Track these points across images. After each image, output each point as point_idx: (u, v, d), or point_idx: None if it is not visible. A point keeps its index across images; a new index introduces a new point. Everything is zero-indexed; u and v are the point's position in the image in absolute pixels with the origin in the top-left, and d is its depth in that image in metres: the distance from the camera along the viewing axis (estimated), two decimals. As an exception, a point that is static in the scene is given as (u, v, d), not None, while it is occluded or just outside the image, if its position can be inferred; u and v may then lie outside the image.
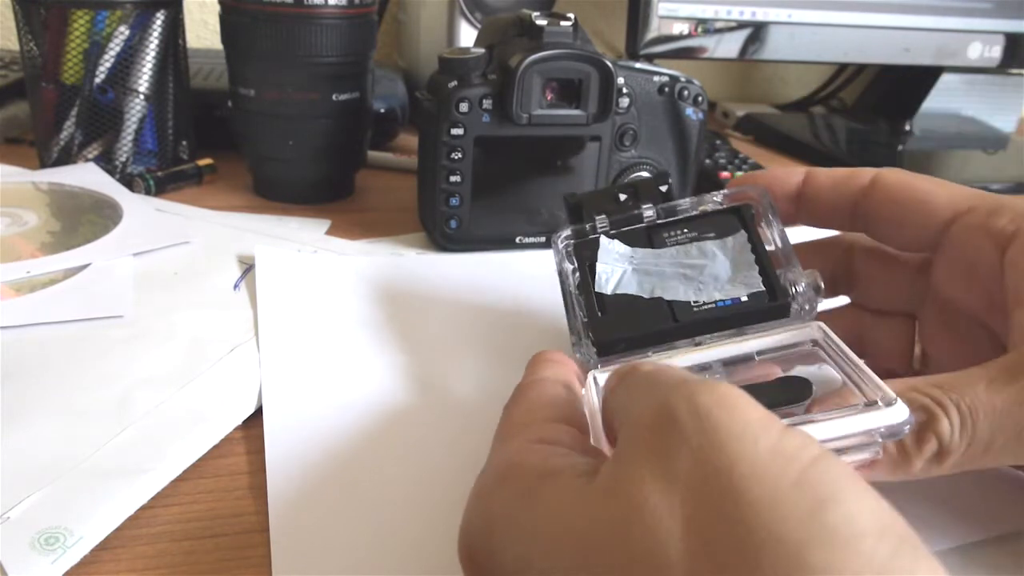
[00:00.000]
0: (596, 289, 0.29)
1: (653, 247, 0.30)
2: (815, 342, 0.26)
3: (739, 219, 0.30)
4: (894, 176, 0.29)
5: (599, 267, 0.30)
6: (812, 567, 0.14)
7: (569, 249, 0.31)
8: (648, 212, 0.31)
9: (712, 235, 0.29)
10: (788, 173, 0.31)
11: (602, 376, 0.25)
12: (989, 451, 0.22)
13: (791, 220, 0.31)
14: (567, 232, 0.31)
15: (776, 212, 0.29)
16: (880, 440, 0.22)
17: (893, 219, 0.29)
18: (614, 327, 0.28)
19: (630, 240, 0.30)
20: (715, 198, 0.30)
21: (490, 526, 0.20)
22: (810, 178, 0.30)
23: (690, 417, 0.17)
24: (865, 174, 0.29)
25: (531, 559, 0.18)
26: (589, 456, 0.21)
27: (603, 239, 0.30)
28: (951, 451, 0.22)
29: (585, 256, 0.30)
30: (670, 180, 0.32)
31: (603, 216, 0.31)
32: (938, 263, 0.29)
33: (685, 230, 0.30)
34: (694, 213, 0.30)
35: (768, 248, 0.29)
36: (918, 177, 0.29)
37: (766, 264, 0.28)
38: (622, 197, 0.32)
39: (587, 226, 0.31)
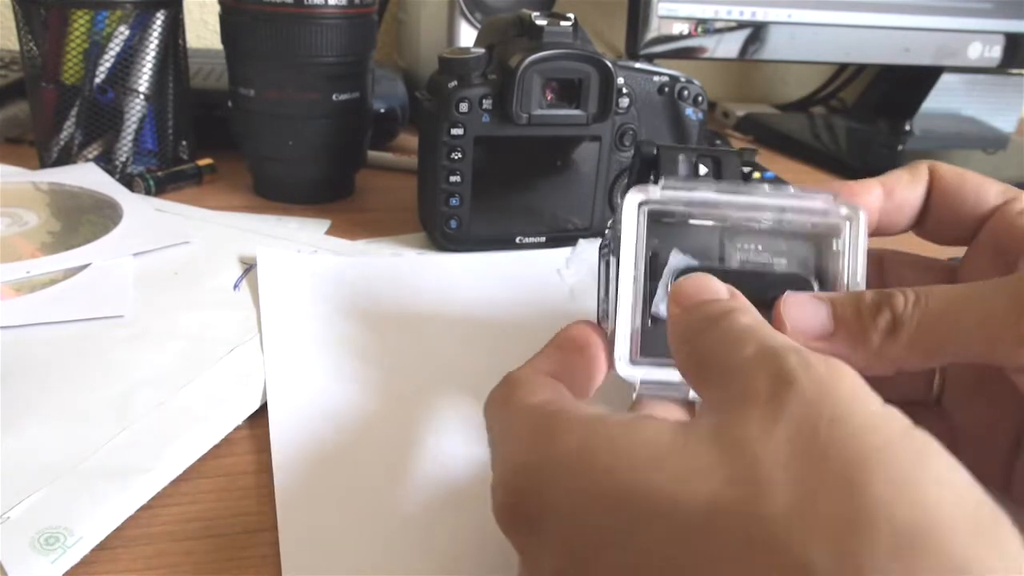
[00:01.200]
0: (653, 311, 0.27)
1: (723, 255, 0.27)
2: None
3: (821, 246, 0.27)
4: (948, 168, 0.29)
5: (665, 276, 0.27)
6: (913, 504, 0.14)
7: (642, 218, 0.27)
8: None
9: (783, 262, 0.27)
10: (862, 191, 0.28)
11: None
12: (946, 335, 0.22)
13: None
14: (641, 197, 0.27)
15: (865, 242, 0.27)
16: (836, 207, 0.25)
17: (949, 210, 0.28)
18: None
19: (701, 240, 0.27)
20: (801, 203, 0.27)
21: (550, 472, 0.19)
22: (892, 192, 0.29)
23: (807, 378, 0.17)
24: (923, 168, 0.29)
25: (594, 508, 0.18)
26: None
27: (673, 256, 0.27)
28: (903, 323, 0.22)
29: (652, 240, 0.27)
30: (757, 157, 0.30)
31: (671, 183, 0.28)
32: (969, 254, 0.28)
33: (759, 247, 0.27)
34: (773, 224, 0.27)
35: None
36: (967, 170, 0.29)
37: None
38: (702, 169, 0.29)
39: (651, 188, 0.27)
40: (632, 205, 0.27)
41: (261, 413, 0.32)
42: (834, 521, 0.15)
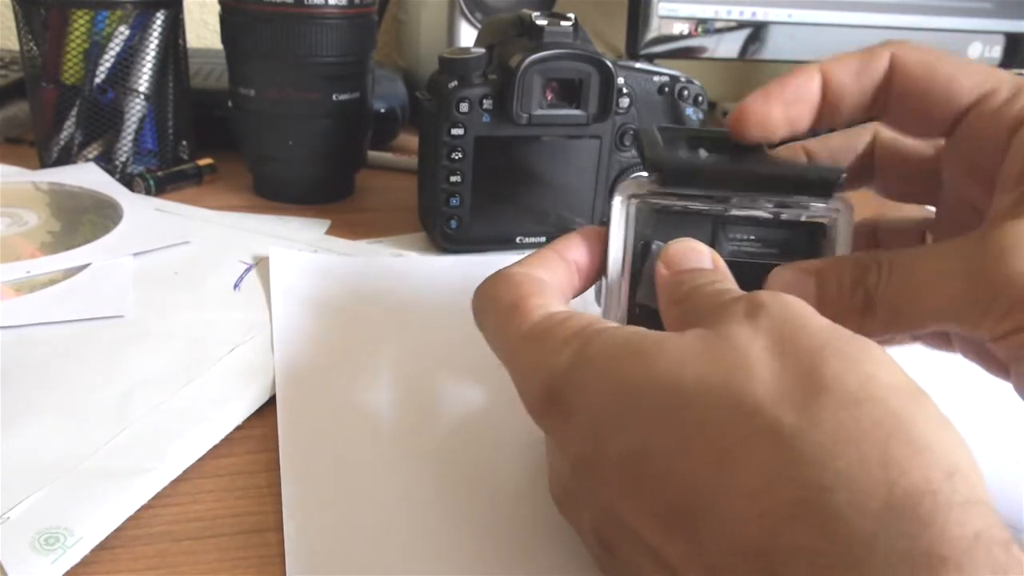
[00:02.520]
0: (639, 299, 0.27)
1: (714, 245, 0.27)
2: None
3: (809, 239, 0.27)
4: (915, 57, 0.26)
5: (648, 266, 0.27)
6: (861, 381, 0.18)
7: (631, 210, 0.27)
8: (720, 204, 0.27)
9: (775, 251, 0.27)
10: (802, 81, 0.27)
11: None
12: (916, 313, 0.23)
13: (812, 128, 0.28)
14: (629, 191, 0.27)
15: (851, 236, 0.27)
16: (824, 202, 0.26)
17: (914, 107, 0.27)
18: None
19: (694, 229, 0.27)
20: (788, 198, 0.27)
21: (585, 374, 0.21)
22: (830, 80, 0.27)
23: (774, 302, 0.21)
24: (882, 56, 0.27)
25: (613, 400, 0.20)
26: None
27: (656, 247, 0.27)
28: (876, 302, 0.24)
29: (643, 228, 0.27)
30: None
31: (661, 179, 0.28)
32: (949, 152, 0.27)
33: (751, 237, 0.27)
34: (768, 216, 0.27)
35: None
36: (941, 57, 0.26)
37: None
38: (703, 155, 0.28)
39: (641, 182, 0.28)
40: (620, 199, 0.27)
41: (262, 413, 0.32)
42: (798, 390, 0.18)
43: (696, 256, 0.25)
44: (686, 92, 0.47)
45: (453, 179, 0.45)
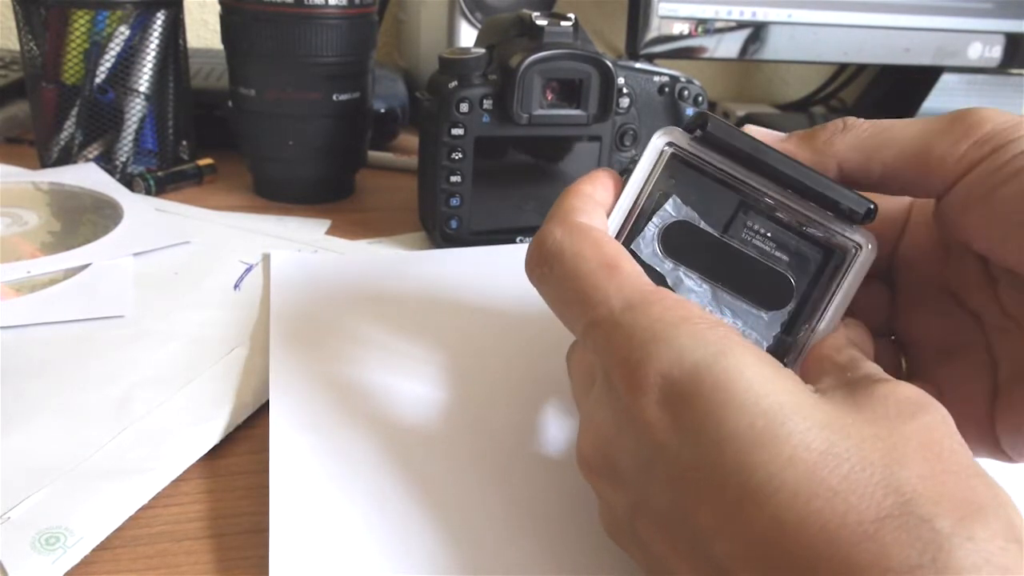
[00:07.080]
0: (632, 246, 0.26)
1: (730, 225, 0.26)
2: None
3: (823, 260, 0.26)
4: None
5: (658, 217, 0.26)
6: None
7: (664, 155, 0.26)
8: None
9: (785, 258, 0.26)
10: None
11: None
12: (887, 139, 0.25)
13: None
14: (668, 139, 0.26)
15: (860, 275, 0.26)
16: (851, 229, 0.26)
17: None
18: None
19: (718, 201, 0.26)
20: (815, 214, 0.26)
21: (721, 394, 0.20)
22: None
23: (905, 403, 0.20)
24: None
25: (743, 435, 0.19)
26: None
27: (671, 202, 0.26)
28: (854, 127, 0.26)
29: (668, 179, 0.26)
30: None
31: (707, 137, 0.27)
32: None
33: (768, 234, 0.26)
34: (792, 222, 0.26)
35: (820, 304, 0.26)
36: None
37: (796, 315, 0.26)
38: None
39: (684, 135, 0.26)
40: (657, 143, 0.26)
41: (261, 413, 0.32)
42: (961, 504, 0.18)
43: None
44: (686, 92, 0.47)
45: (453, 179, 0.45)
